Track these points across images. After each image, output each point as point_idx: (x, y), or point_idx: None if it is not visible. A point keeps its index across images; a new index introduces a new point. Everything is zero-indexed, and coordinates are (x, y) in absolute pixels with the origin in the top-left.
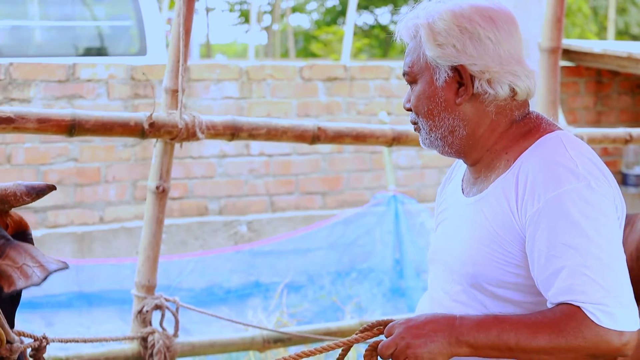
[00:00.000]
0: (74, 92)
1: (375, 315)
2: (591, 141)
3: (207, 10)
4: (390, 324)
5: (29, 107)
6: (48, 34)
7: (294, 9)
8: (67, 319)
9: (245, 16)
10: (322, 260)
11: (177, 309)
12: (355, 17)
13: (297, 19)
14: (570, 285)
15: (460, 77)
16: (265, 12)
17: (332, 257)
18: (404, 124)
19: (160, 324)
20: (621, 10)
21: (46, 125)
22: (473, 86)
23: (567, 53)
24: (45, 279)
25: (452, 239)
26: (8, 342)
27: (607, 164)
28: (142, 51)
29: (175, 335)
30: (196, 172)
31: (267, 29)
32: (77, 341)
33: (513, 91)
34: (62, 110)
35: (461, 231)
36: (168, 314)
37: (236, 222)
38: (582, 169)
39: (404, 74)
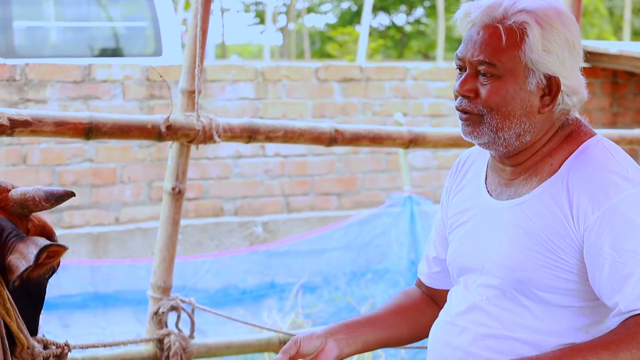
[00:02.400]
0: (89, 93)
1: None
2: None
3: (223, 10)
4: None
5: (46, 110)
6: (64, 35)
7: (309, 10)
8: (82, 319)
9: (260, 17)
10: (338, 261)
11: (192, 311)
12: (370, 18)
13: (313, 20)
14: None
15: (550, 88)
16: (280, 13)
17: (348, 257)
18: (420, 125)
19: (176, 325)
20: (637, 11)
21: (63, 129)
22: (557, 98)
23: (583, 54)
24: (37, 255)
25: (486, 243)
26: (28, 347)
27: None
28: (158, 52)
29: (191, 336)
30: (212, 173)
31: (282, 29)
32: (97, 346)
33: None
34: (79, 113)
35: (498, 235)
36: (184, 315)
37: (252, 223)
38: (632, 174)
39: (483, 62)
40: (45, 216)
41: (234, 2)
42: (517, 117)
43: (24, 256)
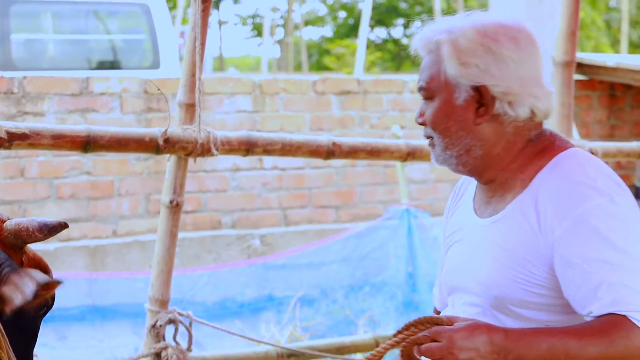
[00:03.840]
0: (87, 106)
1: (388, 329)
2: (605, 155)
3: (220, 23)
4: (438, 328)
5: (44, 123)
6: (61, 48)
7: (307, 23)
8: (80, 332)
9: (258, 29)
10: (335, 274)
11: (190, 324)
12: (367, 31)
13: (310, 33)
14: (613, 299)
15: (481, 97)
16: (278, 26)
17: (345, 270)
18: (418, 138)
19: (174, 338)
20: (634, 23)
21: (61, 142)
22: (494, 107)
23: (580, 66)
24: (35, 291)
25: (470, 262)
26: None
27: (620, 177)
28: (155, 65)
29: (189, 349)
30: (209, 186)
31: (280, 42)
32: None
33: (532, 112)
34: (77, 127)
35: (479, 253)
36: (182, 328)
37: (249, 236)
38: (602, 185)
39: (419, 89)
40: None
41: (231, 15)
42: (454, 133)
43: (19, 288)
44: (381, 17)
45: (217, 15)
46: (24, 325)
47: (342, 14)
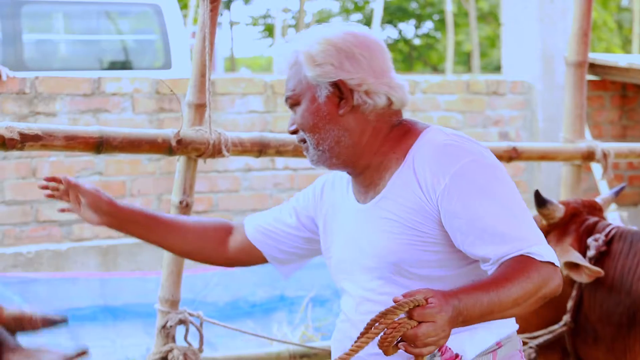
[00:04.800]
0: (99, 106)
1: None
2: (617, 156)
3: (231, 24)
4: (422, 310)
5: (56, 124)
6: (73, 48)
7: (318, 23)
8: (92, 332)
9: (269, 30)
10: None
11: (201, 324)
12: (379, 31)
13: None
14: (501, 240)
15: (341, 92)
16: (289, 26)
17: None
18: None
19: (185, 339)
20: None
21: (73, 143)
22: (353, 98)
23: (592, 67)
24: None
25: (357, 245)
26: None
27: (632, 178)
28: (167, 65)
29: (200, 350)
30: (221, 186)
31: None
32: None
33: (389, 100)
34: (90, 128)
35: (368, 232)
36: (192, 328)
37: None
38: (469, 146)
39: (286, 99)
40: (55, 229)
41: (243, 16)
42: (322, 127)
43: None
44: (393, 17)
45: (229, 16)
46: None
47: (353, 14)
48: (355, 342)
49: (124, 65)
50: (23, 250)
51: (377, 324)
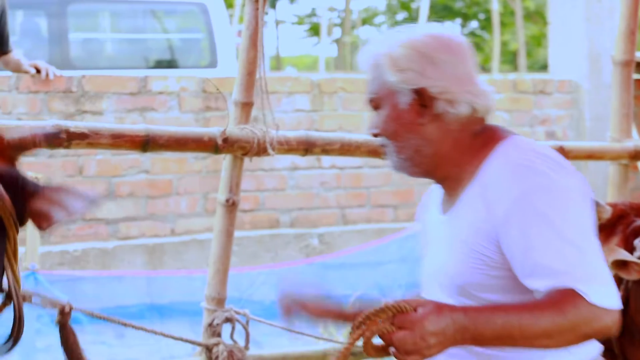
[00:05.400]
0: (145, 105)
1: None
2: None
3: (277, 22)
4: (404, 316)
5: (103, 123)
6: (119, 47)
7: (364, 21)
8: (138, 330)
9: (315, 29)
10: (394, 273)
11: (247, 322)
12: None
13: (367, 32)
14: (556, 273)
15: (422, 100)
16: (335, 25)
17: (404, 270)
18: None
19: (231, 337)
20: None
21: (120, 141)
22: (434, 107)
23: (639, 66)
24: (84, 207)
25: (437, 258)
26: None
27: None
28: (213, 64)
29: (246, 347)
30: (267, 185)
31: (337, 41)
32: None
33: (473, 109)
34: (136, 126)
35: (442, 248)
36: (239, 327)
37: (307, 235)
38: (540, 165)
39: (369, 102)
40: (102, 227)
41: (288, 15)
42: (403, 135)
43: (60, 206)
44: (438, 16)
45: (274, 15)
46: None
47: (399, 12)
48: (345, 343)
49: (170, 64)
50: (69, 249)
51: (362, 325)
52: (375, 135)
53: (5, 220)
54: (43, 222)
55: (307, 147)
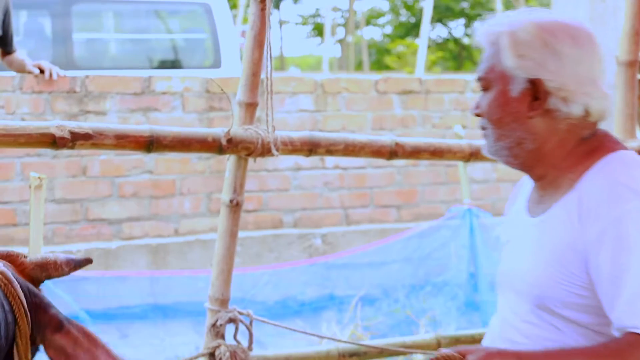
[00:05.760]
0: (149, 105)
1: (449, 330)
2: None
3: (281, 23)
4: None
5: (107, 123)
6: (123, 47)
7: (368, 22)
8: (141, 330)
9: (318, 29)
10: (397, 274)
11: (251, 322)
12: (429, 30)
13: (371, 32)
14: (633, 311)
15: (536, 91)
16: (338, 25)
17: (407, 270)
18: (479, 138)
19: (234, 337)
20: None
21: (124, 142)
22: (547, 102)
23: None
24: None
25: (518, 260)
26: None
27: None
28: (217, 64)
29: (250, 348)
30: (271, 185)
31: (341, 41)
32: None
33: (586, 112)
34: (140, 127)
35: (526, 252)
36: (242, 327)
37: (311, 235)
38: None
39: (478, 79)
40: (105, 228)
41: (292, 15)
42: (507, 124)
43: (87, 353)
44: (442, 16)
45: (278, 15)
46: None
47: (403, 13)
48: None
49: (174, 64)
50: (73, 249)
51: None
52: (477, 116)
53: (18, 342)
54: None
55: (311, 148)
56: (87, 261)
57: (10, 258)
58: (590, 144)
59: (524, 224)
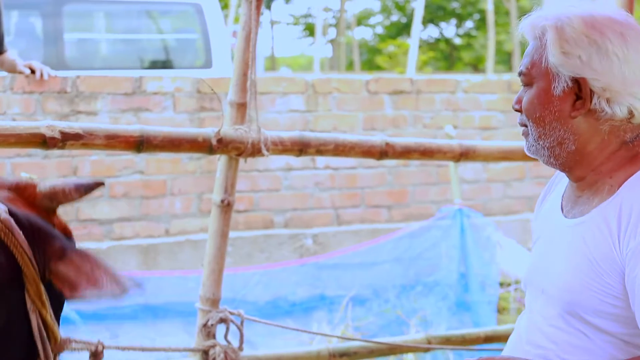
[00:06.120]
0: (140, 105)
1: (440, 330)
2: None
3: (272, 23)
4: None
5: (97, 123)
6: (114, 47)
7: (359, 22)
8: (132, 330)
9: (310, 29)
10: (388, 274)
11: (241, 322)
12: (420, 30)
13: (362, 32)
14: None
15: (579, 90)
16: (330, 25)
17: (398, 270)
18: (471, 138)
19: (225, 337)
20: None
21: (114, 142)
22: (591, 102)
23: None
24: (115, 290)
25: (549, 262)
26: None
27: None
28: (208, 64)
29: (240, 348)
30: (262, 185)
31: (332, 41)
32: (135, 349)
33: (631, 113)
34: (130, 127)
35: (558, 255)
36: (233, 327)
37: (302, 235)
38: None
39: (520, 74)
40: (95, 228)
41: (283, 15)
42: (548, 123)
43: (90, 279)
44: (433, 17)
45: (269, 15)
46: (57, 294)
47: (394, 13)
48: None
49: (165, 65)
50: None
51: None
52: (516, 111)
53: (28, 288)
54: (66, 289)
55: (301, 148)
56: (98, 184)
57: (18, 189)
58: (632, 149)
59: (557, 223)
